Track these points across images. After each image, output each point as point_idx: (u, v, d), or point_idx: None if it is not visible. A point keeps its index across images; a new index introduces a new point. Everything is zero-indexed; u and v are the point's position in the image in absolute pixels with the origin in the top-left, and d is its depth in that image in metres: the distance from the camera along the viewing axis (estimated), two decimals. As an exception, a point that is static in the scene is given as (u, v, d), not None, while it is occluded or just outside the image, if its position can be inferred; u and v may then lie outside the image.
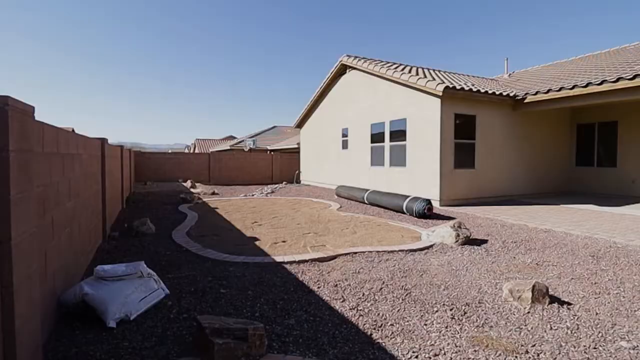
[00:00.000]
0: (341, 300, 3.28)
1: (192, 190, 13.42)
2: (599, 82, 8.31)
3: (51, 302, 2.68)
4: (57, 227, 2.94)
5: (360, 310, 3.07)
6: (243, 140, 25.82)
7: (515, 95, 10.25)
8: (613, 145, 11.48)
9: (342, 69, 14.05)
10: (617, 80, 7.97)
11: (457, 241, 5.23)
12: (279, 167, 19.29)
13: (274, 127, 33.29)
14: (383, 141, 11.43)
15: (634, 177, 10.95)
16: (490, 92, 9.83)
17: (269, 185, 16.42)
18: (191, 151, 40.36)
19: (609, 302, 3.22)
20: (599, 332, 2.67)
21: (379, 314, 2.99)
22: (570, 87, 8.89)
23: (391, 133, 11.09)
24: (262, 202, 10.40)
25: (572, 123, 12.47)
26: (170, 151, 31.83)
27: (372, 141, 12.01)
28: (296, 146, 20.57)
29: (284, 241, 5.47)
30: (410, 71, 11.21)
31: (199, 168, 17.78)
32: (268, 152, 24.11)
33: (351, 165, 13.38)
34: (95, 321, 2.75)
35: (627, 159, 11.14)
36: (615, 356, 2.36)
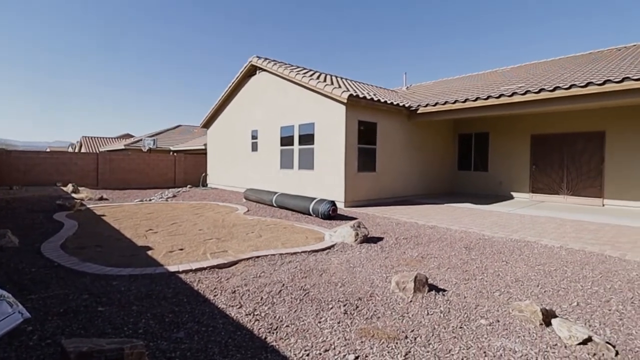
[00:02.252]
0: (238, 306, 3.16)
1: (73, 195, 11.66)
2: (474, 98, 9.74)
3: None
4: None
5: (257, 314, 3.00)
6: (141, 140, 23.41)
7: (410, 106, 11.37)
8: (485, 153, 13.56)
9: (252, 70, 13.83)
10: (487, 98, 9.45)
11: (356, 240, 5.53)
12: (184, 169, 18.02)
13: (179, 126, 31.07)
14: (293, 144, 11.56)
15: (500, 179, 13.09)
16: (389, 102, 10.72)
17: (170, 189, 15.23)
18: (76, 150, 35.20)
19: (475, 287, 3.75)
20: (465, 313, 3.08)
21: (275, 317, 2.96)
22: (453, 101, 10.24)
23: (300, 136, 11.28)
24: (160, 208, 9.56)
25: (455, 133, 14.37)
26: (48, 149, 27.13)
27: (282, 144, 12.05)
28: (203, 147, 19.52)
29: (181, 249, 5.09)
30: (318, 77, 11.58)
31: (85, 170, 15.53)
32: (171, 153, 22.38)
33: (261, 167, 13.22)
34: None
35: (495, 165, 13.27)
36: (476, 332, 2.73)
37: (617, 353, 2.47)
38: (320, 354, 2.41)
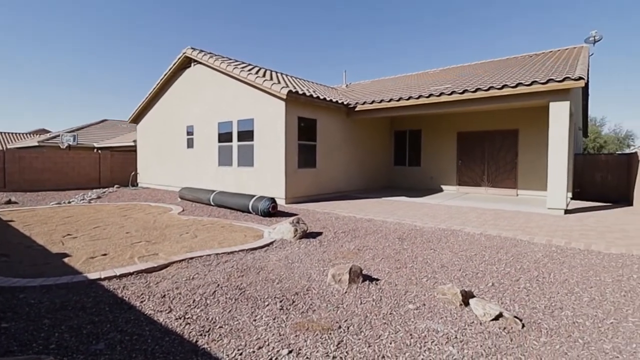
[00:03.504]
0: (167, 311, 2.99)
1: (-26, 199, 10.11)
2: (407, 97, 10.29)
3: None
4: None
5: (188, 318, 2.87)
6: (59, 135, 20.95)
7: (349, 104, 11.65)
8: (418, 149, 14.42)
9: (187, 62, 13.11)
10: (419, 97, 10.05)
11: (295, 236, 5.54)
12: (110, 167, 16.53)
13: (104, 120, 28.37)
14: (231, 141, 11.21)
15: (431, 174, 14.03)
16: (328, 99, 10.88)
17: (95, 190, 13.89)
18: (-21, 148, 30.45)
19: (405, 275, 3.97)
20: (395, 300, 3.25)
21: (208, 319, 2.85)
22: (388, 100, 10.71)
23: (239, 133, 10.98)
24: (81, 210, 8.68)
25: (391, 130, 15.07)
26: (-60, 147, 23.05)
27: (220, 140, 11.63)
28: (132, 144, 18.11)
29: (104, 254, 4.67)
30: (258, 72, 11.33)
31: (-12, 170, 13.53)
32: (95, 150, 20.43)
33: (198, 165, 12.63)
34: None
35: (427, 160, 14.18)
36: (404, 317, 2.90)
37: (523, 325, 2.79)
38: (254, 351, 2.38)
